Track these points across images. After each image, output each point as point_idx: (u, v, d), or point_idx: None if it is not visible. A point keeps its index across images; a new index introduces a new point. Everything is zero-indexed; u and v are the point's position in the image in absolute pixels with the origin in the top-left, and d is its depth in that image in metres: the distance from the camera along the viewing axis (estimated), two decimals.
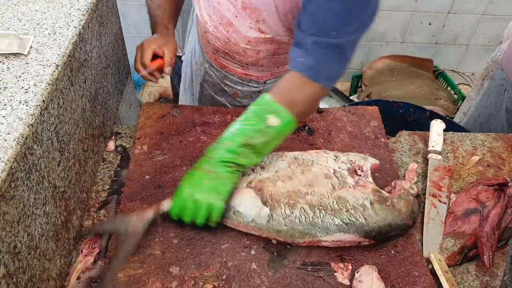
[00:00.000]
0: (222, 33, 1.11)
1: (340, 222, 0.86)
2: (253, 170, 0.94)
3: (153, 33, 1.14)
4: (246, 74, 1.22)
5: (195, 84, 1.41)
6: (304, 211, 0.87)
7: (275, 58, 1.16)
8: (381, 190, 0.91)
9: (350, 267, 0.86)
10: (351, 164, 0.95)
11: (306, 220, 0.86)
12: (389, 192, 0.93)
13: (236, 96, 1.30)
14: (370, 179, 0.93)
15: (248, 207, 0.88)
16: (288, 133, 0.90)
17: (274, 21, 1.01)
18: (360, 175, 0.93)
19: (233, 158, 0.86)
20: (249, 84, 1.25)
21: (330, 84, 0.91)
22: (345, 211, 0.87)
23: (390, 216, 0.87)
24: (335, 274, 0.85)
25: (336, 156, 0.97)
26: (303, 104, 0.90)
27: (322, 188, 0.90)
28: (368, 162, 0.96)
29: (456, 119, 1.81)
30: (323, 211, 0.86)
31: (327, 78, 0.89)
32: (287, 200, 0.88)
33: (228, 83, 1.27)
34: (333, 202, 0.88)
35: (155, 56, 1.08)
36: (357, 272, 0.85)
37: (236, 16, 1.04)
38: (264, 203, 0.88)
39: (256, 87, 1.26)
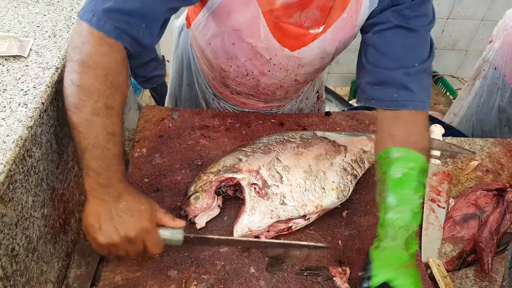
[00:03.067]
0: (251, 81, 1.07)
1: None
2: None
3: (98, 184, 0.71)
4: (267, 106, 1.21)
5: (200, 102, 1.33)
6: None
7: (300, 88, 1.17)
8: None
9: (348, 271, 0.86)
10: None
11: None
12: None
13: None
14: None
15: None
16: None
17: (314, 67, 1.03)
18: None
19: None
20: (270, 111, 1.24)
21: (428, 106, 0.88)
22: None
23: None
24: (334, 279, 0.85)
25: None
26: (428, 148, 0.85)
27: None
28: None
29: (446, 121, 1.81)
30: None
31: (427, 101, 0.87)
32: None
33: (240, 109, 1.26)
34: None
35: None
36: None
37: (275, 65, 1.00)
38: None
39: (276, 112, 1.25)
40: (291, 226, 0.90)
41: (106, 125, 0.72)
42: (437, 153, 1.12)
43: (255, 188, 0.90)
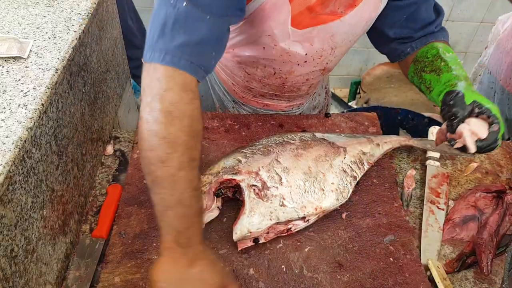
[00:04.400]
0: (278, 80, 1.08)
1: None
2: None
3: (178, 243, 0.71)
4: (289, 105, 1.22)
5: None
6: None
7: (320, 81, 1.19)
8: None
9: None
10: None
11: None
12: None
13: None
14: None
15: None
16: None
17: (341, 53, 1.06)
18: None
19: None
20: (290, 111, 1.24)
21: None
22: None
23: None
24: None
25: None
26: None
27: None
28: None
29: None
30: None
31: None
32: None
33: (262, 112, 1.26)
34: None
35: None
36: None
37: (305, 62, 1.01)
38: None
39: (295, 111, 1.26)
40: (290, 228, 0.90)
41: (191, 180, 0.69)
42: (436, 155, 1.12)
43: (254, 189, 0.90)
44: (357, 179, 0.97)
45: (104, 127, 1.11)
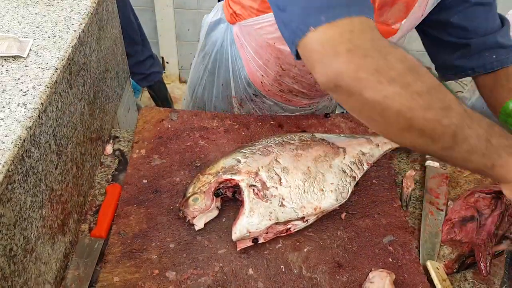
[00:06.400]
0: (312, 79, 1.06)
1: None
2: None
3: None
4: (310, 103, 1.22)
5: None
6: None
7: None
8: None
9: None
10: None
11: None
12: None
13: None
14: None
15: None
16: None
17: None
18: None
19: None
20: (303, 108, 1.24)
21: None
22: None
23: None
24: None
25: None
26: None
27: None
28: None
29: None
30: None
31: None
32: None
33: (280, 110, 1.25)
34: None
35: None
36: (370, 273, 0.85)
37: None
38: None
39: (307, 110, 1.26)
40: (289, 228, 0.90)
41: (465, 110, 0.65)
42: None
43: (253, 189, 0.90)
44: (357, 180, 0.97)
45: (104, 127, 1.11)
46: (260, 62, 1.12)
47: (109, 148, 1.12)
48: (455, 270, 0.92)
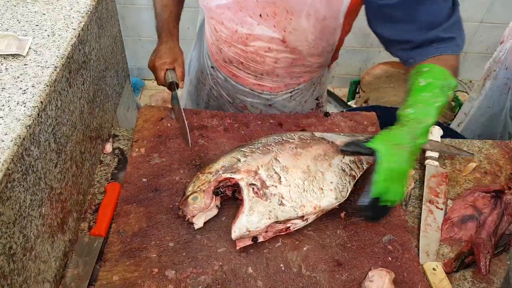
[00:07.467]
0: (239, 41, 1.10)
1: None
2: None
3: (158, 35, 1.19)
4: (259, 84, 1.22)
5: (202, 94, 1.40)
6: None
7: (292, 68, 1.16)
8: None
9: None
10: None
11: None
12: None
13: (244, 109, 1.30)
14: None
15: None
16: None
17: (303, 28, 1.02)
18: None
19: (426, 139, 0.86)
20: (260, 95, 1.24)
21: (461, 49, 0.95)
22: None
23: None
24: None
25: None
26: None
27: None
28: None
29: (457, 121, 1.83)
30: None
31: (463, 43, 0.94)
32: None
33: (238, 95, 1.27)
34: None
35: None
36: (370, 272, 0.85)
37: (260, 16, 1.02)
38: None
39: (267, 99, 1.25)
40: (289, 227, 0.90)
41: (163, 2, 1.18)
42: (435, 154, 1.12)
43: (253, 188, 0.90)
44: (356, 178, 0.97)
45: (103, 125, 1.11)
46: (209, 30, 1.20)
47: (108, 147, 1.12)
48: (454, 269, 0.92)
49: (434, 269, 0.90)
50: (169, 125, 1.13)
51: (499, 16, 2.53)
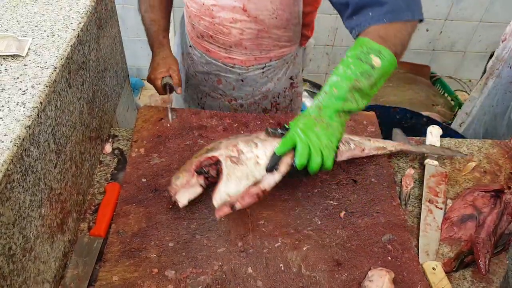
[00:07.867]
0: (206, 13, 1.14)
1: None
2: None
3: (151, 49, 1.25)
4: (229, 57, 1.25)
5: (182, 74, 1.42)
6: None
7: (259, 40, 1.19)
8: None
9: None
10: None
11: None
12: None
13: (219, 83, 1.33)
14: None
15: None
16: (392, 71, 0.90)
17: None
18: None
19: (342, 105, 0.87)
20: (232, 69, 1.27)
21: (415, 14, 0.91)
22: None
23: None
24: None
25: None
26: (397, 42, 0.90)
27: None
28: None
29: (458, 120, 1.82)
30: None
31: (407, 10, 0.90)
32: None
33: (213, 71, 1.30)
34: None
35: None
36: (369, 271, 0.85)
37: None
38: None
39: (239, 74, 1.28)
40: (265, 189, 0.88)
41: (150, 18, 1.24)
42: (435, 154, 1.12)
43: (231, 159, 0.91)
44: (336, 152, 0.92)
45: (103, 126, 1.11)
46: (185, 9, 1.25)
47: (108, 147, 1.12)
48: (454, 269, 0.92)
49: (433, 268, 0.90)
50: (168, 125, 1.13)
51: (499, 15, 2.53)
